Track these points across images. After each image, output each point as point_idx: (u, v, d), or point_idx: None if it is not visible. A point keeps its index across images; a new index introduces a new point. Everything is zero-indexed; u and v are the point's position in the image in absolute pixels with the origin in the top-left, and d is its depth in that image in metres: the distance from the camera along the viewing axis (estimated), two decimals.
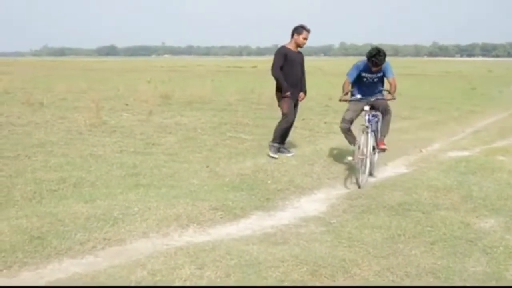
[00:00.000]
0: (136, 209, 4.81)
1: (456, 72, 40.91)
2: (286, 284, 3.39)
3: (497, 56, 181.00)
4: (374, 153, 6.73)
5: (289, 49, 7.09)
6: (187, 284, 3.34)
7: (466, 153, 8.23)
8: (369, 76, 6.53)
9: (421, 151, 8.57)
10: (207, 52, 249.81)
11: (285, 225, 4.80)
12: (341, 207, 5.34)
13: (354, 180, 6.21)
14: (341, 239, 4.31)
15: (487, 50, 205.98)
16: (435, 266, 3.77)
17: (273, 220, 4.97)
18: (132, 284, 3.31)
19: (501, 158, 7.68)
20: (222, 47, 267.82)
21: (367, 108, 6.42)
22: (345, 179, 6.47)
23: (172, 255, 3.83)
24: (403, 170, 7.12)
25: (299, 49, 7.19)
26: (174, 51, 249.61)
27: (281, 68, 7.04)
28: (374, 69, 6.36)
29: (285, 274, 3.51)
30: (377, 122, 6.63)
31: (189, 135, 9.35)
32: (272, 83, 7.24)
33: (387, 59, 6.45)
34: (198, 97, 15.49)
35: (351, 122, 6.70)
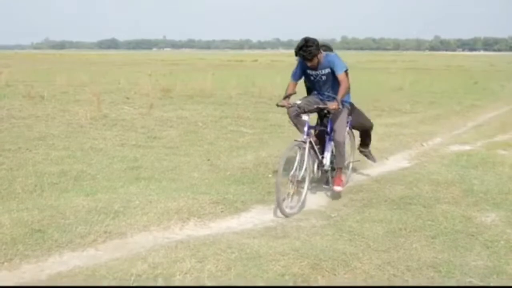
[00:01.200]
0: (137, 202, 4.82)
1: (458, 66, 40.76)
2: (286, 277, 3.38)
3: (499, 50, 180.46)
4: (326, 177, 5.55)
5: None
6: (187, 277, 3.33)
7: (467, 147, 8.22)
8: (314, 73, 5.35)
9: (422, 145, 8.56)
10: (208, 45, 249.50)
11: (286, 218, 4.80)
12: (341, 201, 5.33)
13: (285, 205, 4.84)
14: (342, 233, 4.31)
15: (489, 44, 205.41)
16: (436, 260, 3.76)
17: (273, 213, 4.97)
18: (133, 278, 3.31)
19: (502, 152, 7.68)
20: (223, 41, 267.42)
21: (306, 118, 5.20)
22: (277, 204, 4.84)
23: (173, 248, 3.83)
24: (404, 164, 7.11)
25: None
26: (175, 45, 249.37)
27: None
28: (308, 64, 5.21)
29: (285, 268, 3.51)
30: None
31: (190, 129, 9.35)
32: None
33: (336, 50, 5.49)
34: (199, 91, 15.48)
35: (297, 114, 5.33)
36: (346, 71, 5.24)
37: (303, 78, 5.59)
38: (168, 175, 5.98)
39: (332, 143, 5.45)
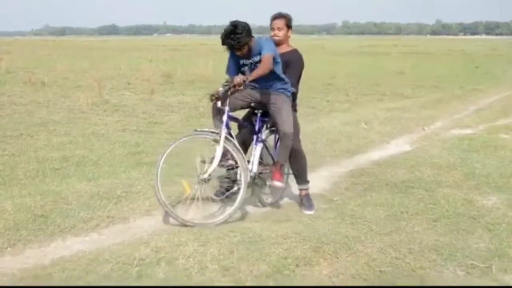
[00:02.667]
0: (139, 187, 4.83)
1: (459, 51, 40.53)
2: (289, 260, 3.39)
3: (501, 34, 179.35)
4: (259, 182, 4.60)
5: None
6: (190, 260, 3.34)
7: (469, 131, 8.22)
8: (248, 62, 4.43)
9: (424, 129, 8.55)
10: (209, 31, 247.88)
11: (288, 202, 4.81)
12: (343, 184, 5.34)
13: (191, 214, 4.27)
14: (344, 216, 4.31)
15: (491, 28, 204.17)
16: (438, 243, 3.77)
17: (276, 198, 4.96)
18: (136, 262, 3.32)
19: (504, 136, 7.67)
20: (224, 26, 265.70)
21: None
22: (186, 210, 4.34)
23: (176, 232, 3.84)
24: (406, 148, 7.11)
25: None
26: (176, 30, 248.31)
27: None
28: (238, 53, 4.32)
29: (288, 251, 3.52)
30: (270, 129, 4.70)
31: (191, 114, 9.35)
32: None
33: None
34: (200, 76, 15.43)
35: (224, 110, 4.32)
36: (274, 58, 4.28)
37: None
38: (169, 160, 5.96)
39: (261, 144, 4.58)
